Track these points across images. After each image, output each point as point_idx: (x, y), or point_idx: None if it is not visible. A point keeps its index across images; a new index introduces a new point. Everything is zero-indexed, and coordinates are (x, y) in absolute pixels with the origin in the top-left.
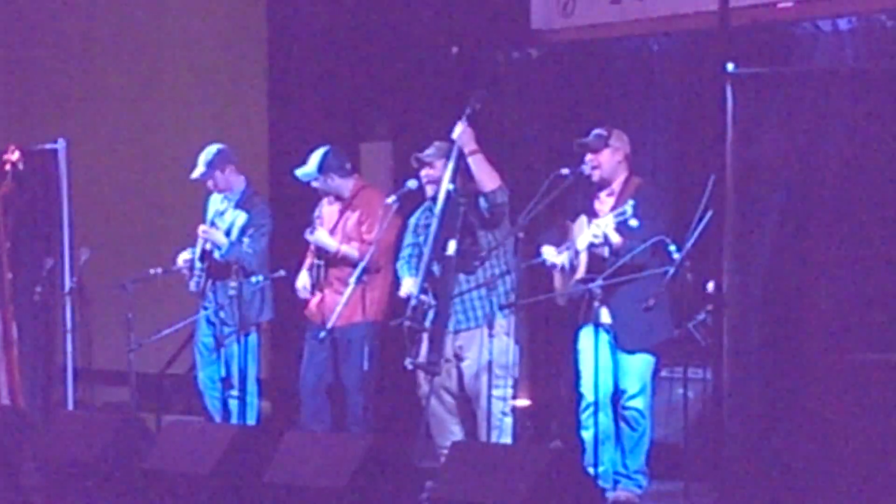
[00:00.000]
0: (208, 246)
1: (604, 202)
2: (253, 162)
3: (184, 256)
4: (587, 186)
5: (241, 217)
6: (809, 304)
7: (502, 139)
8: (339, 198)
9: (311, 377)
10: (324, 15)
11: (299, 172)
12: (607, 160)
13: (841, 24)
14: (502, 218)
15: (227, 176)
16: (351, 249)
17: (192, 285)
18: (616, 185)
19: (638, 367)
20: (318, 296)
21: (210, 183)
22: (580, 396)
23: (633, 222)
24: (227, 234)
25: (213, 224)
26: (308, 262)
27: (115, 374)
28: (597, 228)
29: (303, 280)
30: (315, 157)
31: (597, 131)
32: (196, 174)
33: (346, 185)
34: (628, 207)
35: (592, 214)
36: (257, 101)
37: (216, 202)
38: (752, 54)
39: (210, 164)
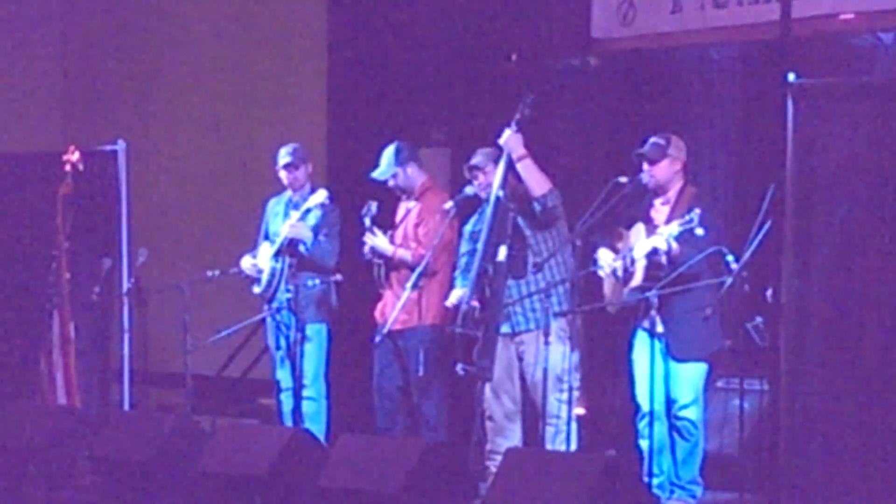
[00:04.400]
0: (286, 243)
1: (659, 210)
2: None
3: (250, 261)
4: (642, 194)
5: (312, 216)
6: (869, 317)
7: (561, 147)
8: (408, 194)
9: (381, 380)
10: (383, 20)
11: (375, 173)
12: (665, 170)
13: None
14: (555, 221)
15: (307, 172)
16: (405, 253)
17: (260, 288)
18: (672, 194)
19: (690, 376)
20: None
21: (289, 179)
22: (637, 405)
23: (699, 231)
24: None
25: (273, 233)
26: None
27: (172, 375)
28: (659, 237)
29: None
30: (389, 153)
31: (654, 139)
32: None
33: (420, 179)
34: (695, 216)
35: (648, 222)
36: (317, 105)
37: (275, 208)
38: (812, 65)
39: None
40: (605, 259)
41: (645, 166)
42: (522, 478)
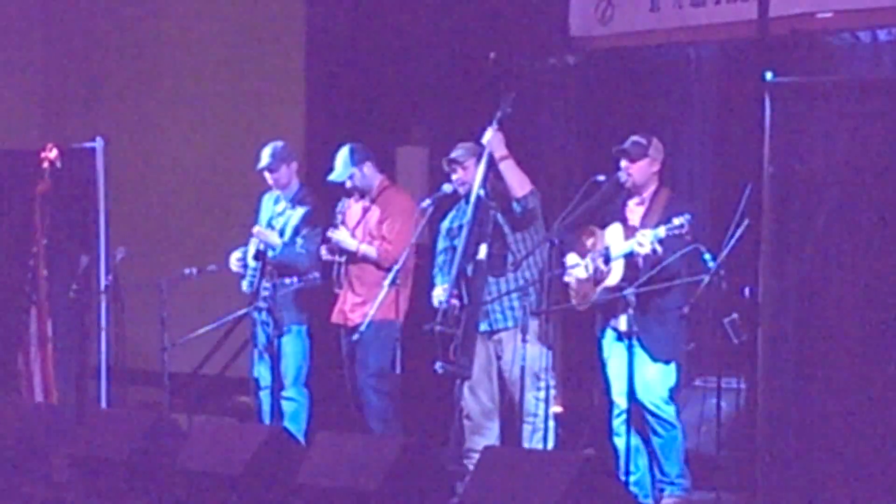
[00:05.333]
0: (262, 246)
1: (633, 211)
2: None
3: (236, 256)
4: (617, 193)
5: (297, 213)
6: (846, 317)
7: (539, 145)
8: (363, 195)
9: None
10: (361, 19)
11: (332, 176)
12: (643, 170)
13: (880, 35)
14: (533, 222)
15: (290, 171)
16: (370, 249)
17: (245, 285)
18: (647, 195)
19: (663, 374)
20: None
21: (272, 179)
22: (611, 403)
23: (688, 237)
24: (282, 233)
25: (269, 225)
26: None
27: (149, 373)
28: (643, 238)
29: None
30: (343, 155)
31: (635, 138)
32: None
33: (376, 180)
34: (685, 221)
35: (623, 222)
36: (294, 104)
37: (269, 202)
38: (790, 64)
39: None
40: (572, 261)
41: (623, 163)
42: (499, 476)
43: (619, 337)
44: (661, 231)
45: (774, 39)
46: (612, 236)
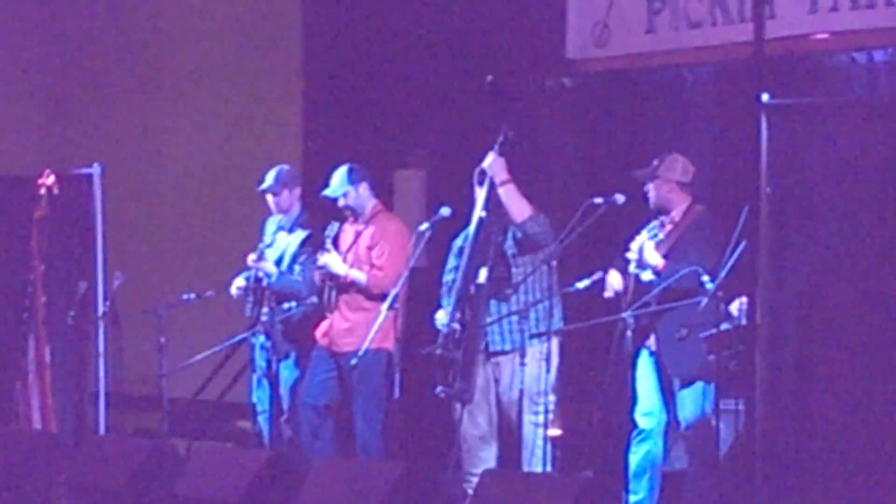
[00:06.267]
0: (261, 273)
1: (666, 229)
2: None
3: (238, 283)
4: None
5: (296, 238)
6: (844, 335)
7: (535, 167)
8: (356, 217)
9: (312, 390)
10: (360, 42)
11: (327, 191)
12: (656, 191)
13: (876, 56)
14: (538, 246)
15: (293, 196)
16: (359, 274)
17: (248, 310)
18: (676, 213)
19: (690, 395)
20: (327, 319)
21: (273, 202)
22: (634, 424)
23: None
24: (280, 259)
25: (269, 246)
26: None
27: (147, 399)
28: (632, 254)
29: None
30: (341, 171)
31: (656, 162)
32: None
33: (370, 203)
34: (688, 272)
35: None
36: (292, 128)
37: (272, 227)
38: (786, 85)
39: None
40: (615, 280)
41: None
42: (499, 499)
43: (649, 356)
44: (644, 236)
45: (770, 61)
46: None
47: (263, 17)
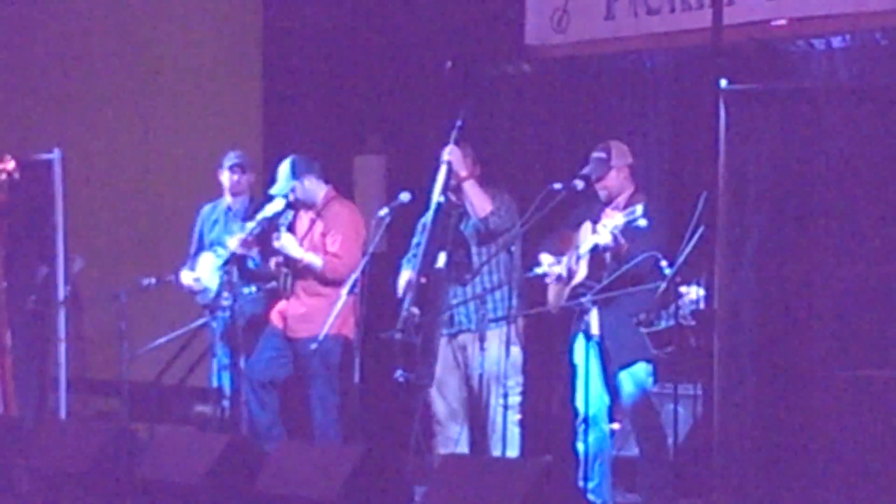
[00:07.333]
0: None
1: (611, 216)
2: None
3: (189, 276)
4: (591, 196)
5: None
6: (801, 320)
7: (496, 153)
8: (309, 207)
9: (260, 366)
10: (318, 29)
11: (273, 190)
12: (614, 180)
13: (834, 42)
14: (497, 237)
15: (248, 180)
16: (315, 259)
17: (200, 299)
18: (622, 199)
19: (633, 379)
20: (282, 303)
21: (230, 182)
22: (576, 410)
23: (643, 222)
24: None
25: (212, 243)
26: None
27: (108, 383)
28: (603, 228)
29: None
30: (284, 167)
31: (595, 154)
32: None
33: (320, 192)
34: (639, 208)
35: (594, 223)
36: (252, 114)
37: (210, 214)
38: (745, 72)
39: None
40: (546, 261)
41: (596, 184)
42: (458, 484)
43: (585, 340)
44: (619, 218)
45: (729, 47)
46: (584, 234)
47: (223, 4)
